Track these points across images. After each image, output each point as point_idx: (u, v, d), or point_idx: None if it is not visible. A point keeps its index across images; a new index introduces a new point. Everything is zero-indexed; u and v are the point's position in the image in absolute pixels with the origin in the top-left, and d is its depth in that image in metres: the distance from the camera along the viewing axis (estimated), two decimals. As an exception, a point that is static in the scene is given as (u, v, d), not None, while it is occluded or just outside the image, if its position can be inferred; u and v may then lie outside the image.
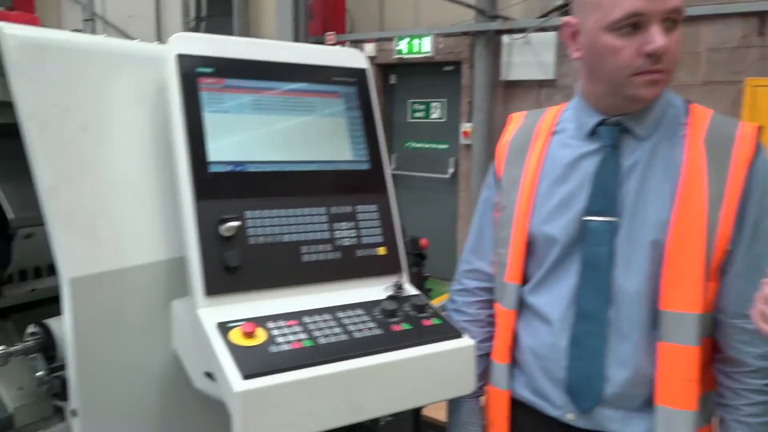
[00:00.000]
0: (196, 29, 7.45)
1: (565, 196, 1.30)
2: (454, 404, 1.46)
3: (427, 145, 6.35)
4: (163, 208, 1.28)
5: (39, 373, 1.36)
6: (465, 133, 5.54)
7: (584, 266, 1.26)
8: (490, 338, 1.44)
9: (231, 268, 1.19)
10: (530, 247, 1.32)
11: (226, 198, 1.24)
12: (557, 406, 1.30)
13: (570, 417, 1.28)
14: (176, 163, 1.23)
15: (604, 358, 1.23)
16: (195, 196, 1.20)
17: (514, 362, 1.37)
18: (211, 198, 1.22)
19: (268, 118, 1.34)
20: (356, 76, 1.46)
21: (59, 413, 1.48)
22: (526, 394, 1.34)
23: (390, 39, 5.99)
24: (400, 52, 5.96)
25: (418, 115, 6.35)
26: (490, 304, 1.46)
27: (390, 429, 1.36)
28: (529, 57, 5.10)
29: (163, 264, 1.27)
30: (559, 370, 1.28)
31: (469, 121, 5.49)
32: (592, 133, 1.30)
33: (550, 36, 4.99)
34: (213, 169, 1.24)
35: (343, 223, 1.35)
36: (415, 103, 6.35)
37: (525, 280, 1.34)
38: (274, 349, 1.07)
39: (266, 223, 1.26)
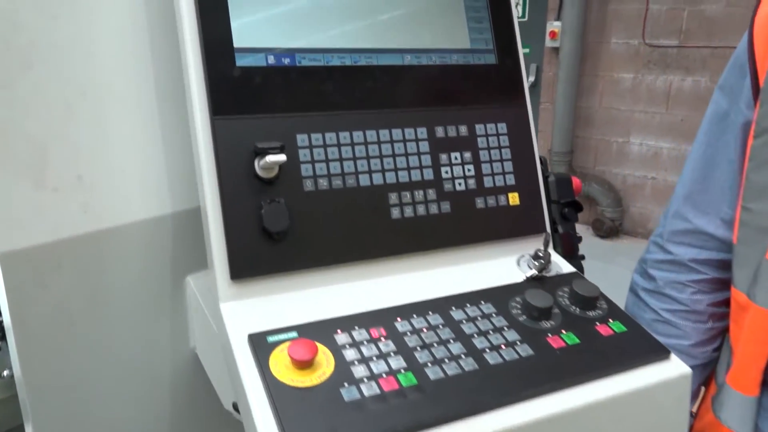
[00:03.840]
0: None
1: None
2: None
3: (503, 49, 5.57)
4: (168, 128, 0.79)
5: (5, 372, 0.94)
6: (552, 33, 4.75)
7: None
8: (709, 341, 0.92)
9: (273, 234, 0.70)
10: None
11: (264, 112, 0.72)
12: None
13: None
14: (183, 53, 0.72)
15: None
16: (212, 108, 0.70)
17: (765, 390, 0.84)
18: (238, 112, 0.71)
19: (334, -25, 0.79)
20: None
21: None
22: None
23: None
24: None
25: (495, 13, 5.53)
26: (716, 286, 0.92)
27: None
28: (639, -64, 4.19)
29: (167, 221, 0.79)
30: None
31: (557, 19, 4.69)
32: None
33: None
34: (242, 61, 0.72)
35: (456, 154, 0.83)
36: (492, -1, 5.52)
37: None
38: (349, 393, 0.59)
39: (332, 155, 0.75)
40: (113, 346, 0.79)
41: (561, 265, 0.85)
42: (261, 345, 0.63)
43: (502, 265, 0.83)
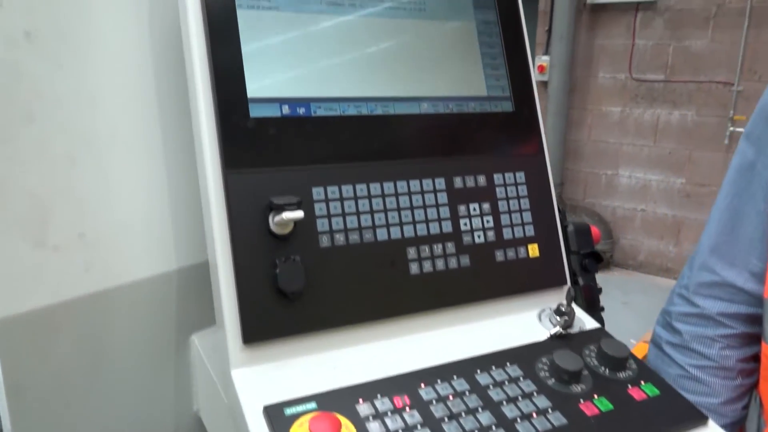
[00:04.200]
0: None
1: None
2: None
3: (492, 82, 5.63)
4: (175, 181, 0.75)
5: (-9, 435, 0.88)
6: (540, 67, 4.80)
7: None
8: (739, 398, 0.89)
9: (289, 294, 0.66)
10: None
11: (279, 165, 0.69)
12: None
13: None
14: (193, 102, 0.68)
15: None
16: (224, 161, 0.66)
17: None
18: (251, 165, 0.67)
19: (347, 21, 0.77)
20: (491, -48, 0.87)
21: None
22: None
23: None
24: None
25: (483, 47, 5.60)
26: (744, 341, 0.89)
27: None
28: (624, -26, 4.28)
29: (172, 277, 0.75)
30: None
31: (546, 53, 4.75)
32: None
33: (653, -53, 4.15)
34: (256, 112, 0.69)
35: (474, 205, 0.80)
36: (479, 33, 5.59)
37: None
38: (377, 474, 0.55)
39: (348, 209, 0.72)
40: (113, 410, 0.74)
41: (584, 320, 0.81)
42: (278, 419, 0.58)
43: (523, 320, 0.80)
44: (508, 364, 0.70)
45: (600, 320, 0.88)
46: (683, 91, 4.23)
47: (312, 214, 0.69)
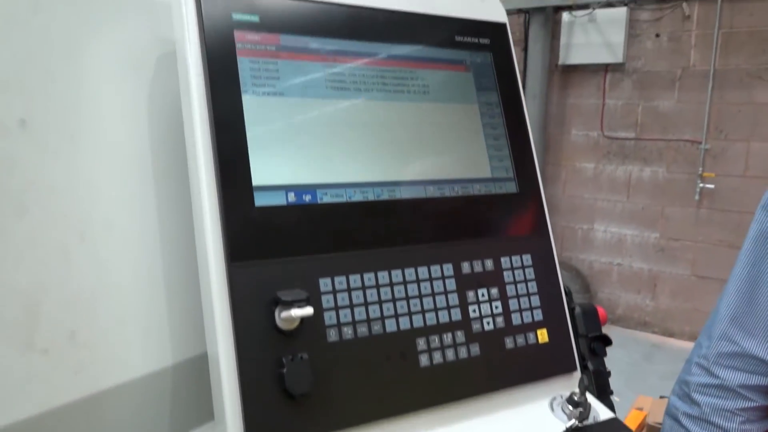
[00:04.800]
0: None
1: None
2: None
3: (467, 138, 5.72)
4: (169, 272, 0.71)
5: None
6: (514, 124, 4.92)
7: None
8: None
9: (296, 396, 0.62)
10: None
11: (284, 255, 0.66)
12: None
13: None
14: (195, 191, 0.66)
15: None
16: (228, 254, 0.63)
17: None
18: (256, 257, 0.64)
19: (352, 105, 0.76)
20: (492, 34, 0.88)
21: None
22: None
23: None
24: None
25: (457, 104, 5.72)
26: (764, 414, 0.87)
27: None
28: (593, 37, 4.45)
29: (167, 374, 0.70)
30: None
31: (519, 111, 4.87)
32: None
33: (620, 12, 4.33)
34: (261, 200, 0.66)
35: (482, 291, 0.77)
36: (454, 90, 5.72)
37: None
38: None
39: (356, 300, 0.69)
40: None
41: (597, 408, 0.79)
42: None
43: (536, 411, 0.76)
44: (526, 464, 0.67)
45: (611, 406, 0.85)
46: (653, 149, 4.35)
47: (319, 307, 0.66)
